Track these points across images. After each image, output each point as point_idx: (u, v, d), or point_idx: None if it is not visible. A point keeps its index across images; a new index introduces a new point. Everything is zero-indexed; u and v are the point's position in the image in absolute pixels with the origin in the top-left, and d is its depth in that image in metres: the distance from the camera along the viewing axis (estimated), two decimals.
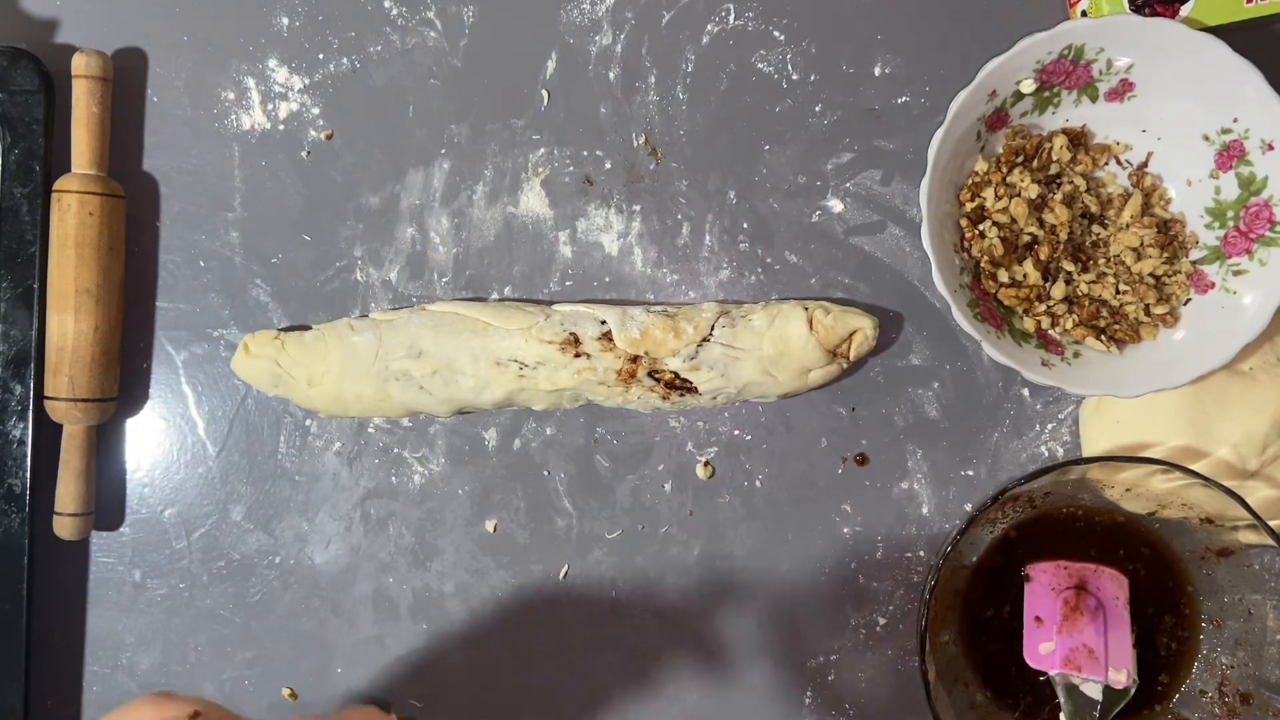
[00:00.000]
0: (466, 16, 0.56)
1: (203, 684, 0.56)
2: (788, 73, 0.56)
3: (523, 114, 0.56)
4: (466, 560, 0.56)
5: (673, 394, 0.53)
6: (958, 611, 0.54)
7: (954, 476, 0.56)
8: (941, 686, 0.51)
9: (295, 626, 0.56)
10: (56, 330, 0.53)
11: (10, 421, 0.54)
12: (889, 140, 0.56)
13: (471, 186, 0.57)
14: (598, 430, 0.56)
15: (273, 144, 0.57)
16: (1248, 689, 0.51)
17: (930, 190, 0.49)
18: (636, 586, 0.56)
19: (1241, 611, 0.52)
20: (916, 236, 0.56)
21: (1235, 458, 0.51)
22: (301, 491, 0.56)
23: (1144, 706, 0.53)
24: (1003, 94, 0.50)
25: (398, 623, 0.56)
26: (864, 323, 0.53)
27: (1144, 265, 0.52)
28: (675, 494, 0.56)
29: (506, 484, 0.56)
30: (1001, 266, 0.52)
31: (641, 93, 0.56)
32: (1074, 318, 0.52)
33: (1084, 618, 0.51)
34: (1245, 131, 0.50)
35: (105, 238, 0.54)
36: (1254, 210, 0.51)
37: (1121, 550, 0.54)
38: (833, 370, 0.53)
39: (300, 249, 0.57)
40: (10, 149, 0.54)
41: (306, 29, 0.56)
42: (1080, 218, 0.53)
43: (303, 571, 0.56)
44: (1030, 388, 0.56)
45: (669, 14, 0.56)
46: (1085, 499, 0.54)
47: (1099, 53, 0.50)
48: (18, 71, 0.54)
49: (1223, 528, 0.51)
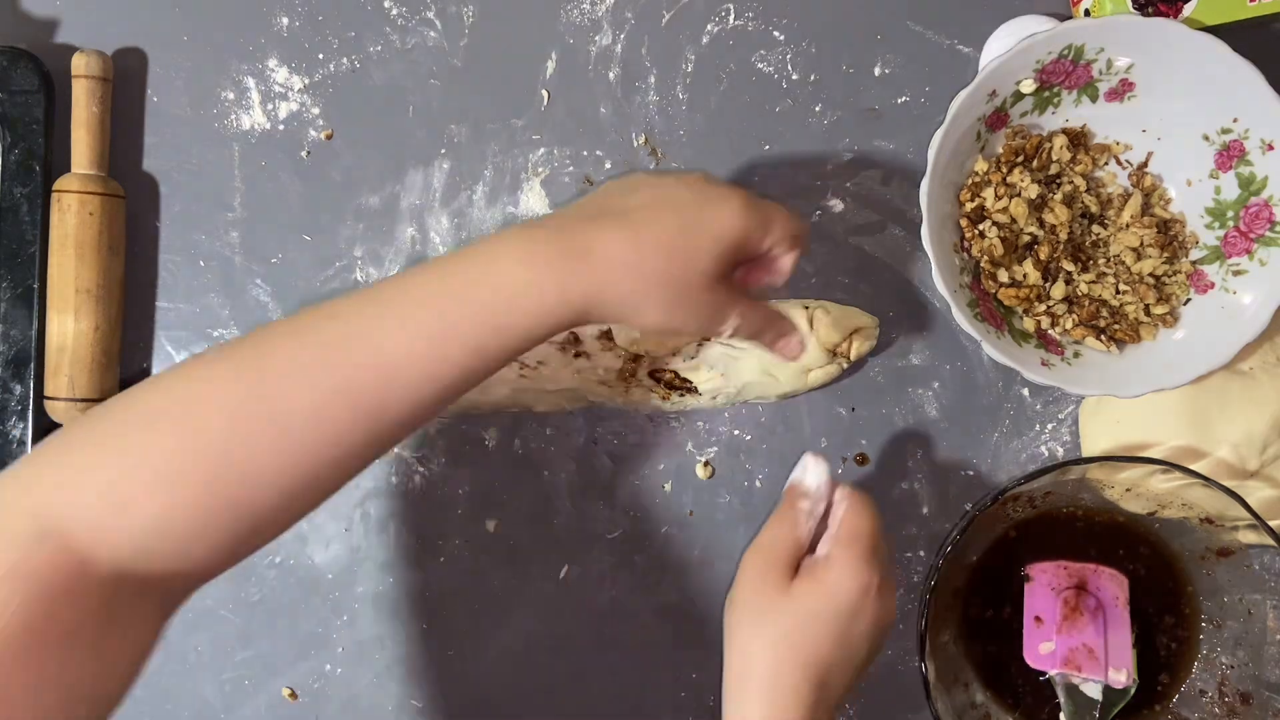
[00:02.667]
0: (466, 16, 0.56)
1: (203, 684, 0.56)
2: (788, 73, 0.56)
3: (523, 114, 0.56)
4: (466, 560, 0.56)
5: (673, 394, 0.53)
6: (958, 611, 0.54)
7: (954, 476, 0.56)
8: (941, 686, 0.51)
9: (295, 626, 0.56)
10: (56, 330, 0.53)
11: (10, 421, 0.54)
12: (889, 140, 0.56)
13: (471, 186, 0.57)
14: (598, 430, 0.56)
15: (273, 144, 0.57)
16: (1247, 689, 0.51)
17: (930, 190, 0.49)
18: (636, 586, 0.56)
19: (1241, 611, 0.52)
20: (916, 236, 0.56)
21: (1235, 457, 0.51)
22: None
23: (1144, 706, 0.53)
24: (1003, 94, 0.51)
25: (398, 623, 0.56)
26: (865, 322, 0.53)
27: (1144, 265, 0.52)
28: (675, 494, 0.56)
29: (506, 484, 0.56)
30: (1001, 266, 0.52)
31: (641, 93, 0.56)
32: (1074, 318, 0.52)
33: (1084, 618, 0.51)
34: (1245, 131, 0.50)
35: (105, 238, 0.54)
36: (1254, 210, 0.51)
37: (1121, 550, 0.54)
38: (832, 370, 0.53)
39: (300, 249, 0.57)
40: (10, 149, 0.54)
41: (306, 29, 0.56)
42: (1080, 218, 0.53)
43: (303, 571, 0.56)
44: (1030, 388, 0.56)
45: (669, 14, 0.56)
46: (1085, 499, 0.54)
47: (1099, 53, 0.50)
48: (18, 71, 0.54)
49: (1223, 528, 0.51)
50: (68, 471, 0.35)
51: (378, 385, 0.36)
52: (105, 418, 0.36)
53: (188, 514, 0.35)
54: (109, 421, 0.36)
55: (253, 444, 0.35)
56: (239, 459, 0.35)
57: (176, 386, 0.36)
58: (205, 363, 0.37)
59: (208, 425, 0.35)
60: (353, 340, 0.36)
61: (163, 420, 0.35)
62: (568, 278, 0.38)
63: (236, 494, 0.35)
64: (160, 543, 0.35)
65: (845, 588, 0.43)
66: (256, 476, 0.36)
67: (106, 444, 0.35)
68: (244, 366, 0.36)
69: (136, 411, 0.36)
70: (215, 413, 0.35)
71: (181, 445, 0.35)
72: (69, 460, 0.35)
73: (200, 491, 0.35)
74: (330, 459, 0.37)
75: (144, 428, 0.35)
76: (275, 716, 0.56)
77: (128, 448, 0.35)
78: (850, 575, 0.43)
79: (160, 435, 0.35)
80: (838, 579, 0.44)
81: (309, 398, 0.36)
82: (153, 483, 0.34)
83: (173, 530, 0.35)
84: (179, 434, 0.35)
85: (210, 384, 0.36)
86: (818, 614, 0.43)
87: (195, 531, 0.35)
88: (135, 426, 0.35)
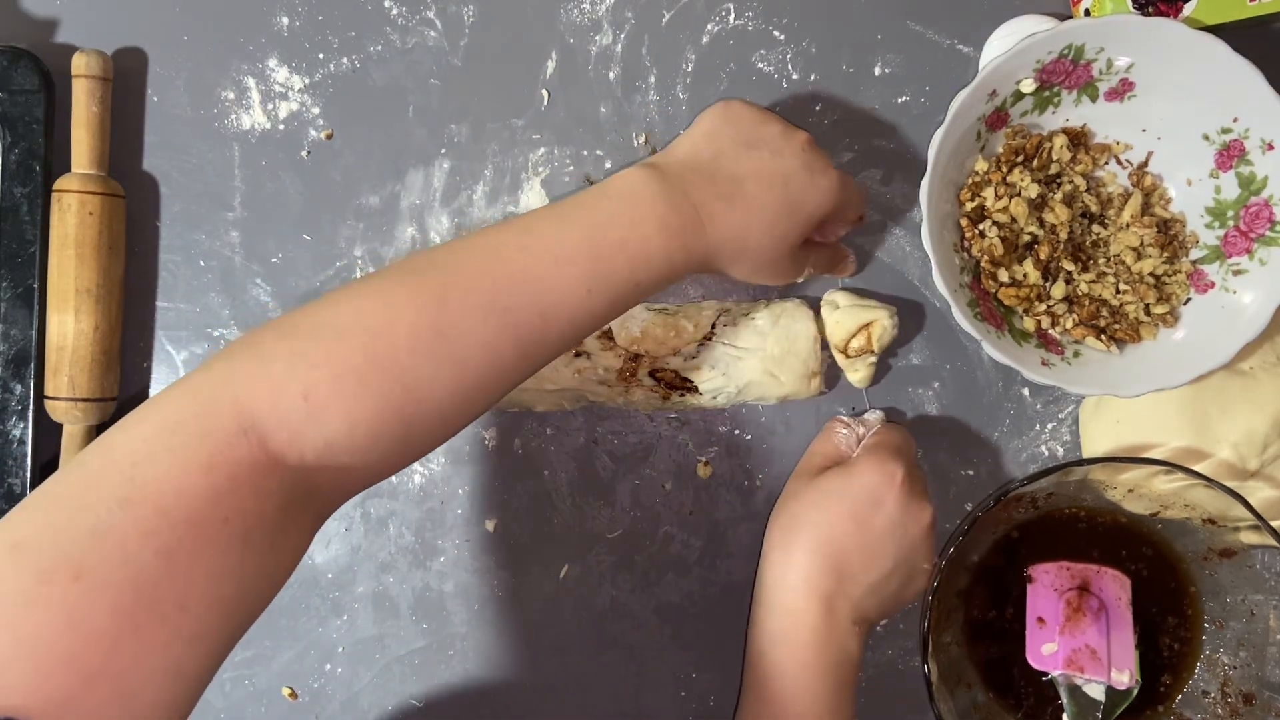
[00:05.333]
0: (466, 16, 0.57)
1: None
2: (788, 73, 0.56)
3: (523, 114, 0.57)
4: (466, 560, 0.56)
5: (673, 394, 0.53)
6: (960, 612, 0.54)
7: (954, 476, 0.56)
8: (944, 687, 0.51)
9: (295, 626, 0.56)
10: (56, 330, 0.53)
11: (10, 421, 0.54)
12: (889, 140, 0.56)
13: (471, 186, 0.57)
14: (598, 430, 0.56)
15: (273, 144, 0.57)
16: (1250, 689, 0.51)
17: (930, 190, 0.49)
18: (636, 586, 0.56)
19: (1244, 612, 0.52)
20: (916, 236, 0.56)
21: (1236, 458, 0.51)
22: None
23: (1146, 707, 0.53)
24: (1003, 94, 0.50)
25: (398, 623, 0.56)
26: (878, 314, 0.53)
27: (1144, 265, 0.52)
28: (675, 494, 0.56)
29: (506, 484, 0.56)
30: (1001, 266, 0.52)
31: (641, 93, 0.56)
32: (1074, 317, 0.52)
33: (1087, 618, 0.51)
34: (1245, 131, 0.50)
35: (105, 237, 0.54)
36: (1254, 210, 0.51)
37: (1124, 551, 0.54)
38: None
39: (300, 249, 0.57)
40: (10, 149, 0.54)
41: (306, 29, 0.57)
42: (1080, 217, 0.53)
43: (303, 571, 0.56)
44: (1030, 387, 0.56)
45: (669, 14, 0.56)
46: (1087, 500, 0.54)
47: (1099, 52, 0.50)
48: (18, 71, 0.54)
49: (1225, 528, 0.50)
50: (268, 372, 0.37)
51: (538, 326, 0.41)
52: (299, 325, 0.39)
53: (369, 425, 0.37)
54: (304, 329, 0.38)
55: (432, 368, 0.39)
56: (418, 380, 0.38)
57: (365, 305, 0.39)
58: (384, 286, 0.40)
59: (395, 346, 0.38)
60: (518, 284, 0.41)
61: (356, 335, 0.38)
62: (693, 243, 0.44)
63: (412, 410, 0.39)
64: (340, 450, 0.37)
65: (866, 470, 0.47)
66: (430, 396, 0.39)
67: (305, 352, 0.37)
68: (424, 295, 0.39)
69: (328, 324, 0.38)
70: (401, 336, 0.38)
71: (371, 362, 0.37)
72: (268, 362, 0.37)
73: (383, 405, 0.38)
74: (492, 384, 0.41)
75: (337, 340, 0.38)
76: (275, 716, 0.56)
77: (323, 358, 0.37)
78: (872, 462, 0.47)
79: (352, 350, 0.37)
80: (860, 465, 0.48)
81: (481, 334, 0.40)
82: (344, 392, 0.37)
83: (353, 439, 0.37)
84: (369, 351, 0.38)
85: (394, 309, 0.39)
86: (835, 491, 0.47)
87: (370, 442, 0.38)
88: (329, 339, 0.38)
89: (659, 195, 0.43)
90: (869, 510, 0.46)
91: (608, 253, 0.42)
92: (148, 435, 0.34)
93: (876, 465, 0.47)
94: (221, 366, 0.37)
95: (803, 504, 0.48)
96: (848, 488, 0.47)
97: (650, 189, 0.43)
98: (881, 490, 0.47)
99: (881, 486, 0.47)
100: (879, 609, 0.47)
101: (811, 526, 0.46)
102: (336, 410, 0.37)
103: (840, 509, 0.46)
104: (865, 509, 0.46)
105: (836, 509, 0.47)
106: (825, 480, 0.48)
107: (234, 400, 0.35)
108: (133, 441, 0.34)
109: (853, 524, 0.46)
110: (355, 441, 0.37)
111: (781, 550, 0.47)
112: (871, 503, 0.46)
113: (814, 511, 0.47)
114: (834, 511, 0.46)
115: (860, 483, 0.47)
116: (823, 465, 0.50)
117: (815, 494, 0.48)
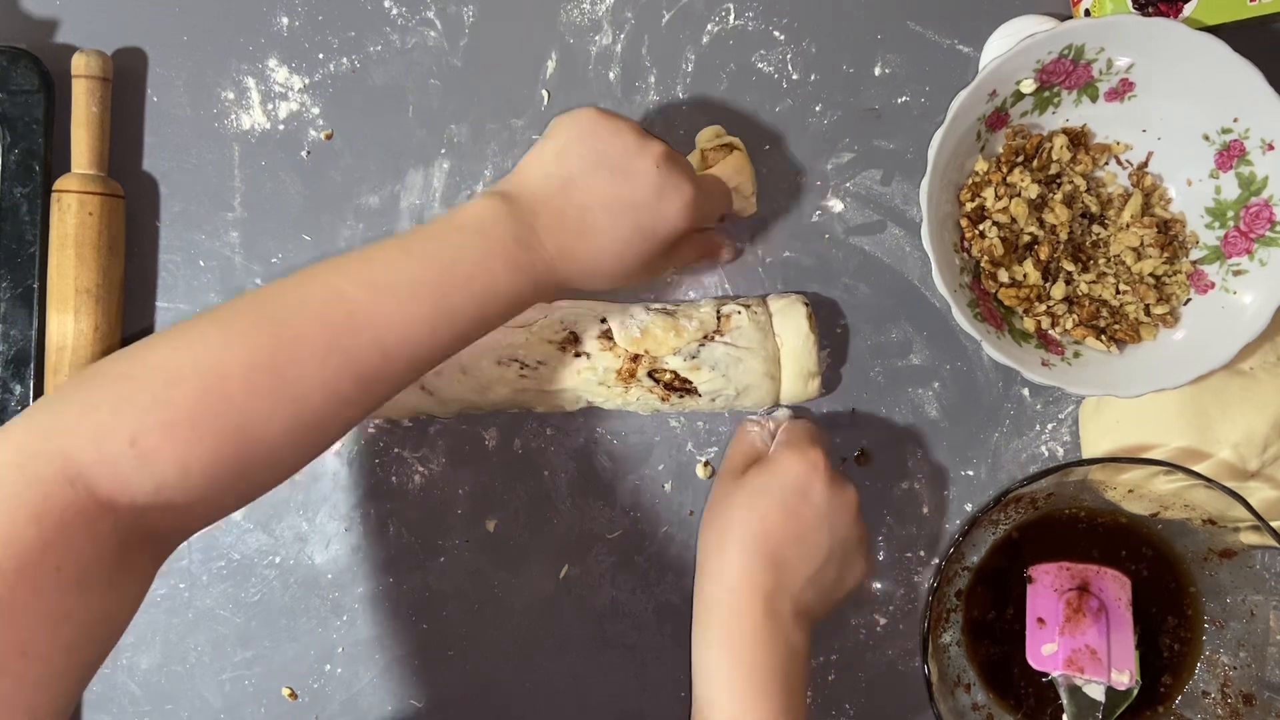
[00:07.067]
0: (466, 16, 0.57)
1: (203, 684, 0.56)
2: (788, 73, 0.56)
3: (523, 114, 0.56)
4: (466, 560, 0.56)
5: (672, 395, 0.53)
6: (960, 612, 0.54)
7: (954, 476, 0.56)
8: (944, 688, 0.51)
9: (295, 626, 0.56)
10: (56, 330, 0.53)
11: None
12: (889, 140, 0.56)
13: (471, 186, 0.57)
14: (598, 430, 0.56)
15: (273, 144, 0.57)
16: (1250, 690, 0.51)
17: (930, 190, 0.49)
18: (636, 586, 0.56)
19: (1244, 612, 0.52)
20: (916, 236, 0.56)
21: (1236, 458, 0.51)
22: (301, 491, 0.56)
23: (1146, 708, 0.53)
24: (1003, 94, 0.50)
25: (398, 623, 0.56)
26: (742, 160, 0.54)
27: (1144, 265, 0.52)
28: (675, 494, 0.56)
29: (506, 484, 0.56)
30: (1001, 266, 0.52)
31: (641, 93, 0.56)
32: (1074, 318, 0.52)
33: (1086, 619, 0.51)
34: (1245, 131, 0.50)
35: (105, 238, 0.54)
36: (1254, 210, 0.51)
37: (1124, 551, 0.54)
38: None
39: (300, 249, 0.57)
40: (10, 149, 0.54)
41: (306, 29, 0.57)
42: (1080, 218, 0.53)
43: (303, 571, 0.56)
44: (1030, 388, 0.56)
45: (669, 14, 0.56)
46: (1087, 500, 0.54)
47: (1099, 52, 0.50)
48: (18, 71, 0.54)
49: (1225, 528, 0.50)
50: (93, 421, 0.36)
51: (379, 364, 0.41)
52: (127, 369, 0.38)
53: (203, 467, 0.37)
54: (134, 372, 0.38)
55: (267, 409, 0.38)
56: (253, 420, 0.38)
57: (196, 345, 0.39)
58: (219, 323, 0.40)
59: (228, 387, 0.38)
60: (358, 323, 0.40)
61: (188, 378, 0.38)
62: (543, 277, 0.44)
63: (247, 451, 0.38)
64: (174, 492, 0.37)
65: (788, 462, 0.48)
66: (266, 436, 0.39)
67: (131, 396, 0.37)
68: (260, 336, 0.39)
69: (159, 366, 0.38)
70: (235, 378, 0.38)
71: (204, 404, 0.37)
72: (92, 410, 0.37)
73: (216, 446, 0.37)
74: (332, 421, 0.41)
75: (168, 383, 0.37)
76: (275, 716, 0.56)
77: (152, 402, 0.37)
78: (793, 453, 0.48)
79: (184, 394, 0.37)
80: (781, 457, 0.48)
81: (320, 374, 0.39)
82: (175, 437, 0.37)
83: (187, 481, 0.37)
84: (202, 393, 0.37)
85: (228, 349, 0.38)
86: (761, 488, 0.47)
87: (206, 482, 0.38)
88: (159, 383, 0.37)
89: (507, 232, 0.43)
90: (797, 500, 0.46)
91: (453, 289, 0.42)
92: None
93: (798, 455, 0.48)
94: (43, 418, 0.37)
95: (732, 504, 0.47)
96: (773, 481, 0.47)
97: (499, 226, 0.43)
98: (806, 478, 0.47)
99: (806, 475, 0.47)
100: (821, 600, 0.47)
101: (743, 525, 0.46)
102: (167, 454, 0.36)
103: (769, 503, 0.46)
104: (793, 500, 0.46)
105: (765, 504, 0.46)
106: (750, 478, 0.48)
107: (59, 451, 0.35)
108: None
109: (784, 516, 0.46)
110: (190, 483, 0.37)
111: (717, 553, 0.47)
112: (798, 492, 0.47)
113: (743, 510, 0.47)
114: (763, 507, 0.46)
115: (784, 475, 0.47)
116: (744, 465, 0.50)
117: (743, 494, 0.47)
